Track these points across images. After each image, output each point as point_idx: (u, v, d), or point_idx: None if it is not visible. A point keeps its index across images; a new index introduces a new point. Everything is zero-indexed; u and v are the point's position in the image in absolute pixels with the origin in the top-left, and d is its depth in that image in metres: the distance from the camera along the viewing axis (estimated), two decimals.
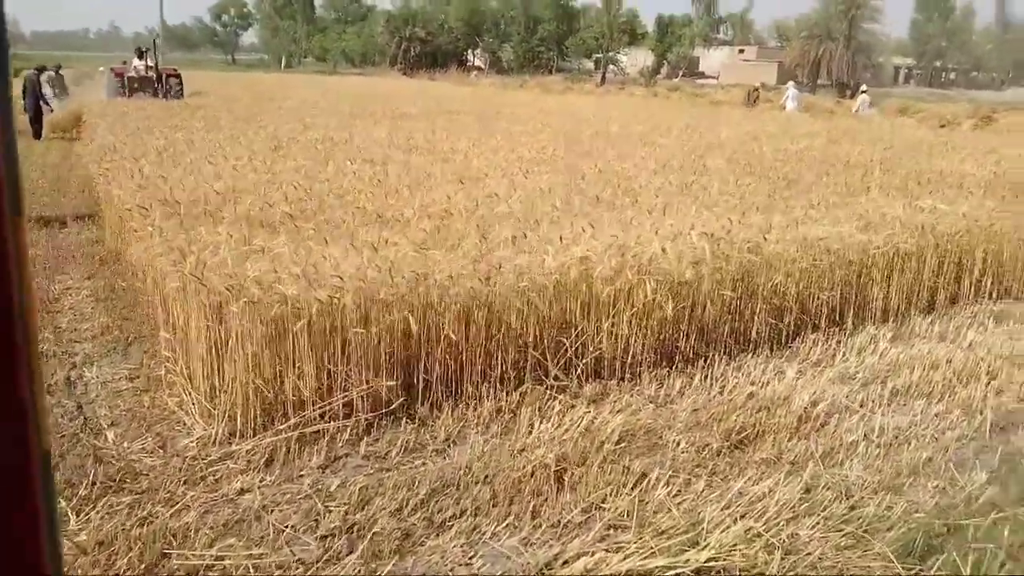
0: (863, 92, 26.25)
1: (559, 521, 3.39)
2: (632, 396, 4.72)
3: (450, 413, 4.35)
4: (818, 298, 5.82)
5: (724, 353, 5.32)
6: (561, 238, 5.10)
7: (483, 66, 69.05)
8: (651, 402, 4.66)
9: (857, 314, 6.17)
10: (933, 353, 5.51)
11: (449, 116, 17.31)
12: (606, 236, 5.20)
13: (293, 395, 4.19)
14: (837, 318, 6.01)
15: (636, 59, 69.18)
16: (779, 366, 5.23)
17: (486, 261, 4.64)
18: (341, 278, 4.13)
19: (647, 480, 3.70)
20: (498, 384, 4.59)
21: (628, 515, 3.39)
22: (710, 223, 5.76)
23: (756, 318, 5.49)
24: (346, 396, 4.23)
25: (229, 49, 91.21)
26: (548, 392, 4.57)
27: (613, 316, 4.89)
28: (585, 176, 8.60)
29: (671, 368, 5.09)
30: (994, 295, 7.09)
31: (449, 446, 4.10)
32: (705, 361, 5.19)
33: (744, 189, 7.89)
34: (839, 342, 5.68)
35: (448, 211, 6.17)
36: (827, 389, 4.83)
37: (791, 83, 28.43)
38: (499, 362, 4.61)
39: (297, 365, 4.18)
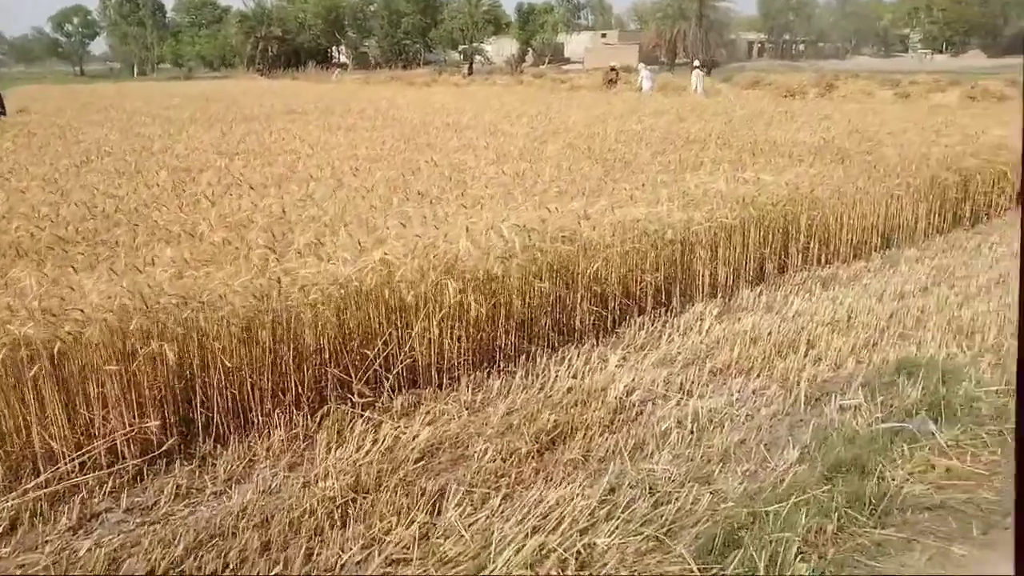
0: (696, 68, 27.09)
1: (335, 563, 3.03)
2: (447, 404, 4.40)
3: (235, 448, 3.90)
4: (642, 281, 5.68)
5: (547, 347, 5.09)
6: (360, 242, 4.71)
7: (347, 62, 67.45)
8: (466, 408, 4.36)
9: (685, 293, 6.10)
10: (757, 326, 5.48)
11: (294, 116, 16.55)
12: (414, 235, 4.86)
13: (42, 448, 3.63)
14: (664, 299, 5.91)
15: (503, 48, 69.48)
16: (603, 354, 5.05)
17: (269, 274, 4.21)
18: (82, 311, 3.59)
19: (442, 500, 3.39)
20: (293, 409, 4.17)
21: (411, 546, 3.06)
22: (527, 213, 5.52)
23: (580, 307, 5.29)
24: (108, 442, 3.71)
25: (76, 60, 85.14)
26: (352, 411, 4.19)
27: (423, 321, 4.56)
28: (419, 170, 8.25)
29: (491, 369, 4.81)
30: (822, 260, 7.23)
31: (230, 487, 3.66)
32: (527, 358, 4.94)
33: (576, 174, 7.75)
34: (665, 323, 5.56)
35: (250, 219, 5.67)
36: (647, 375, 4.67)
37: (641, 64, 29.03)
38: (292, 384, 4.18)
39: (43, 413, 3.62)
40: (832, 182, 7.55)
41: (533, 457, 3.80)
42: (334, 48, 69.81)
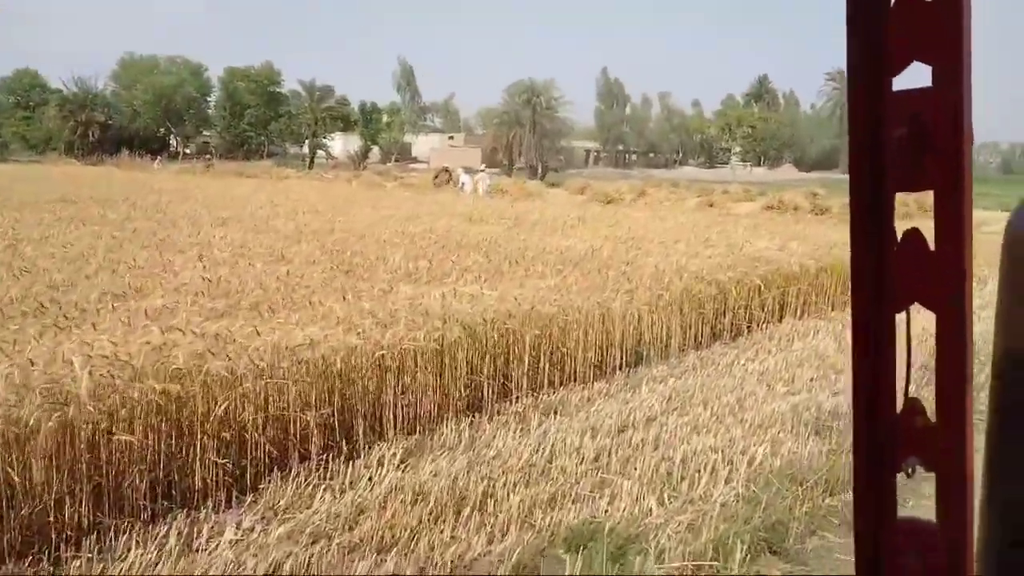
0: (481, 171, 27.46)
1: None
2: None
3: None
4: (301, 420, 4.61)
5: (140, 518, 3.86)
6: None
7: (179, 151, 64.57)
8: None
9: (374, 429, 5.08)
10: (439, 475, 4.50)
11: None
12: None
13: None
14: (345, 439, 4.85)
15: (349, 144, 69.06)
16: (220, 526, 3.88)
17: None
18: None
19: None
20: None
21: None
22: (147, 337, 4.37)
23: (201, 461, 4.13)
24: None
25: None
26: None
27: None
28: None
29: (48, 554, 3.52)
30: (556, 383, 6.47)
31: None
32: (98, 536, 3.68)
33: (283, 282, 6.70)
34: (328, 475, 4.49)
35: None
36: (256, 558, 3.53)
37: (461, 168, 29.17)
38: None
39: None
40: (573, 295, 6.92)
41: None
42: (172, 137, 66.90)
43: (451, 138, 79.25)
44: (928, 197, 0.54)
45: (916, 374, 0.56)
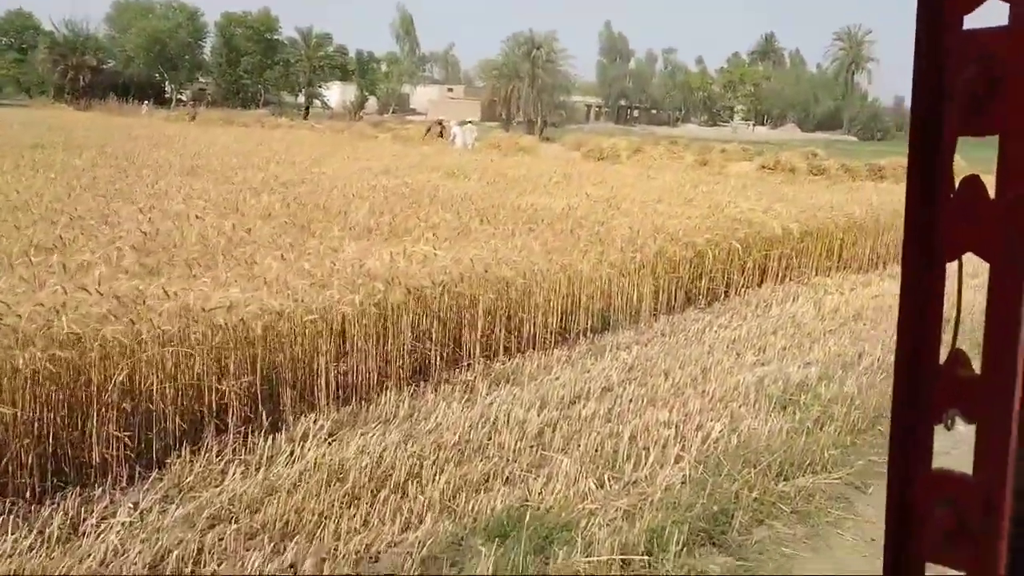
0: (468, 123, 26.96)
1: None
2: None
3: None
4: (219, 390, 4.27)
5: (24, 499, 3.54)
6: None
7: (172, 98, 63.48)
8: None
9: (303, 400, 4.75)
10: (366, 453, 4.17)
11: None
12: None
13: None
14: (259, 412, 4.52)
15: (347, 95, 67.78)
16: (116, 506, 3.57)
17: None
18: None
19: None
20: None
21: None
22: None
23: (99, 437, 3.80)
24: None
25: None
26: None
27: None
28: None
29: None
30: (512, 349, 6.13)
31: None
32: None
33: (227, 237, 6.31)
34: (242, 451, 4.16)
35: None
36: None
37: (454, 122, 28.52)
38: None
39: None
40: (538, 257, 6.54)
41: None
42: (166, 84, 65.60)
43: (450, 90, 77.84)
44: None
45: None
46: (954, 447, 0.59)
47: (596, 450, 4.36)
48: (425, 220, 8.13)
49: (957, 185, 0.52)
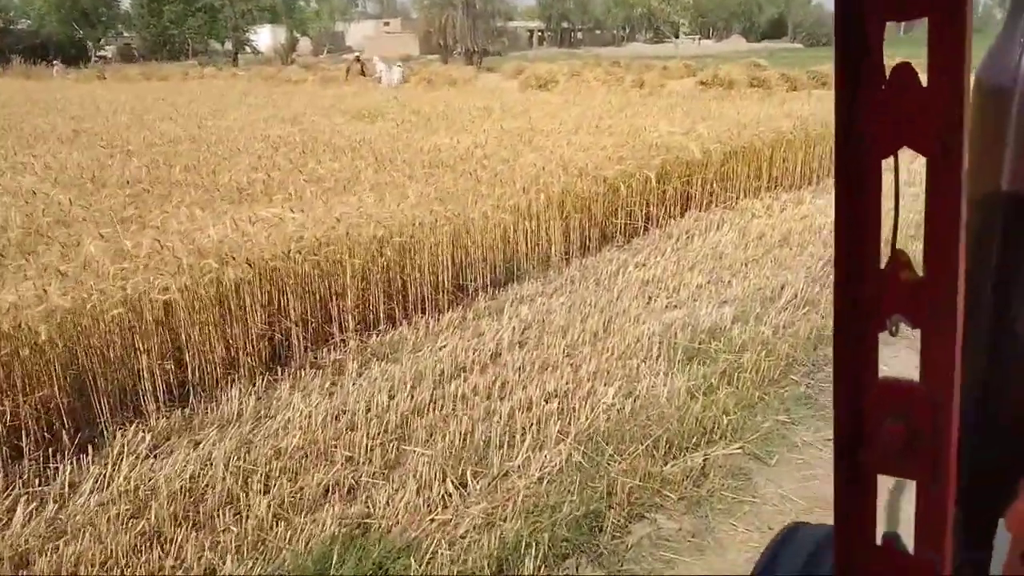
0: (396, 64, 25.94)
1: None
2: None
3: None
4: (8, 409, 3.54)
5: None
6: None
7: (107, 56, 60.20)
8: None
9: (123, 408, 4.05)
10: (182, 474, 3.51)
11: None
12: None
13: None
14: (66, 428, 3.81)
15: (279, 37, 64.81)
16: None
17: None
18: None
19: None
20: None
21: None
22: None
23: None
24: None
25: None
26: None
27: None
28: None
29: None
30: (396, 318, 5.46)
31: None
32: None
33: (58, 214, 5.48)
34: (34, 482, 3.48)
35: None
36: None
37: (377, 58, 27.21)
38: None
39: None
40: (426, 205, 5.81)
41: None
42: (90, 43, 62.00)
43: (386, 24, 74.92)
44: None
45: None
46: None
47: (465, 438, 3.76)
48: (309, 173, 7.32)
49: (888, 76, 0.48)
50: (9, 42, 52.24)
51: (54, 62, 40.25)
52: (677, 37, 75.29)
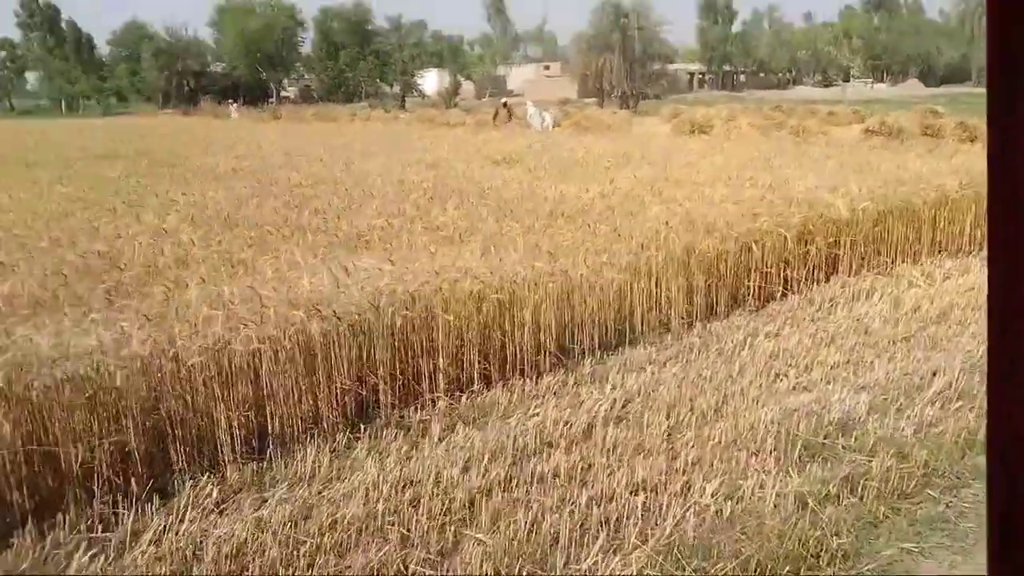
0: (536, 106, 25.88)
1: None
2: None
3: None
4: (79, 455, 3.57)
5: None
6: None
7: (289, 96, 65.38)
8: None
9: (200, 456, 4.01)
10: (228, 540, 3.37)
11: None
12: None
13: None
14: (127, 476, 3.79)
15: (444, 81, 67.70)
16: None
17: None
18: None
19: None
20: None
21: None
22: None
23: None
24: None
25: (5, 94, 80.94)
26: None
27: None
28: None
29: None
30: (490, 377, 5.18)
31: None
32: None
33: (190, 252, 5.67)
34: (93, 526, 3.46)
35: None
36: None
37: (529, 103, 27.53)
38: None
39: None
40: (530, 260, 5.54)
41: None
42: (272, 84, 67.68)
43: (546, 68, 76.41)
44: None
45: None
46: None
47: (531, 530, 3.39)
48: (430, 221, 7.27)
49: None
50: (204, 83, 57.87)
51: (231, 103, 43.95)
52: (847, 81, 71.68)
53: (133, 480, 3.70)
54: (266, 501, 3.69)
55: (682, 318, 6.40)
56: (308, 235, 6.57)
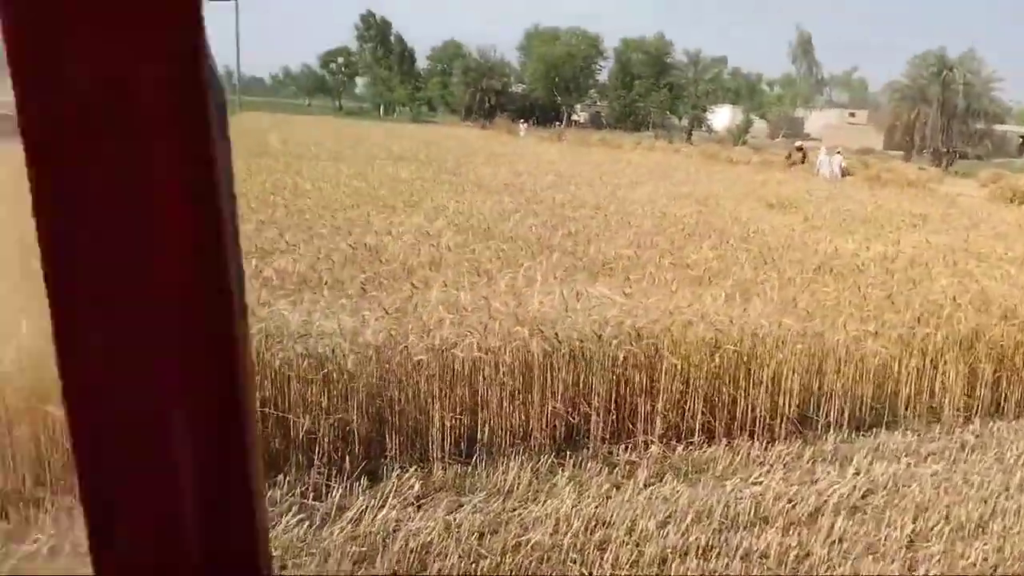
0: (837, 154, 23.79)
1: None
2: None
3: None
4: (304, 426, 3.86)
5: None
6: None
7: (580, 120, 68.14)
8: None
9: (412, 448, 4.16)
10: (383, 531, 3.45)
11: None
12: None
13: None
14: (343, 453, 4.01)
15: (737, 118, 66.06)
16: None
17: None
18: None
19: None
20: None
21: None
22: None
23: None
24: None
25: (336, 96, 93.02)
26: None
27: None
28: None
29: None
30: (713, 431, 4.83)
31: None
32: None
33: (434, 257, 5.98)
34: (305, 492, 3.71)
35: None
36: None
37: (823, 148, 25.77)
38: None
39: None
40: (780, 316, 5.10)
41: None
42: (568, 107, 70.98)
43: (852, 114, 71.41)
44: None
45: None
46: None
47: None
48: (680, 258, 7.02)
49: None
50: (503, 101, 62.12)
51: (523, 122, 46.52)
52: None
53: (348, 458, 3.92)
54: (461, 506, 3.73)
55: (958, 410, 5.52)
56: (554, 255, 6.63)
